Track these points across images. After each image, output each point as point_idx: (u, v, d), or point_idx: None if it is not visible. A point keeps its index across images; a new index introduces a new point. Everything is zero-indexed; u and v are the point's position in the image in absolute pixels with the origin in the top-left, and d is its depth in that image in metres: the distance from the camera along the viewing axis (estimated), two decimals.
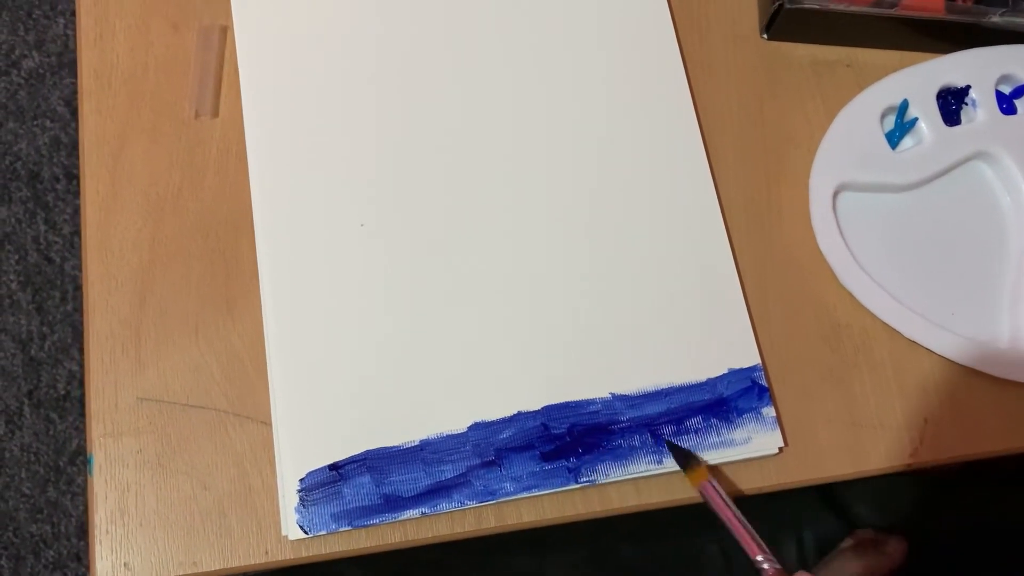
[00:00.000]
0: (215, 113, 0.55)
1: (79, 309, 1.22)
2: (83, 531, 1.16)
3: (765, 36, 0.59)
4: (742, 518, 0.48)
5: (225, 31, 0.56)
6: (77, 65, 0.56)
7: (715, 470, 0.51)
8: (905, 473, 0.72)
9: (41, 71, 1.30)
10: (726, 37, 0.59)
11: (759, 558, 0.47)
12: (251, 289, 0.52)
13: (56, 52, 1.30)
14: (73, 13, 1.30)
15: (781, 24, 0.58)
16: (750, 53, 0.59)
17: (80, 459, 1.18)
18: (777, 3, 0.56)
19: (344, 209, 0.53)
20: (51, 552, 1.16)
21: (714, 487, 0.48)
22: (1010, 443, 0.53)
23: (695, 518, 0.69)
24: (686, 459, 0.50)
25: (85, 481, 1.16)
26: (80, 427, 1.19)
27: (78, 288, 1.23)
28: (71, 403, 1.20)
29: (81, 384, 1.20)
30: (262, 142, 0.54)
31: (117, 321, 0.52)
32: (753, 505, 0.68)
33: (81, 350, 1.20)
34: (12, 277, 1.23)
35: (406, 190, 0.54)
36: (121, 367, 0.51)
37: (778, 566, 0.46)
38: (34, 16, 1.31)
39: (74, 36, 1.29)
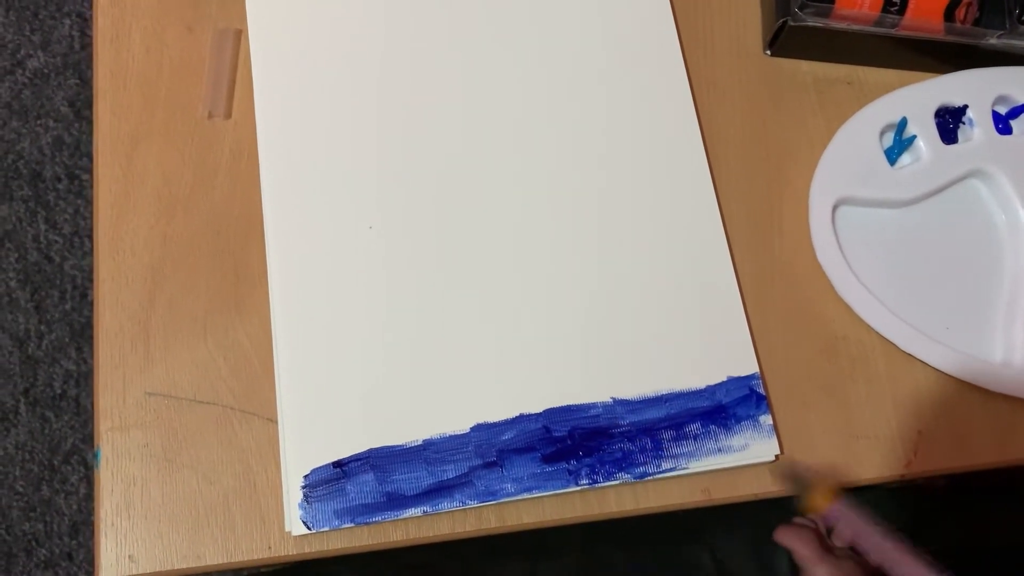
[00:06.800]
0: (228, 115, 0.56)
1: (77, 308, 1.23)
2: (76, 530, 1.16)
3: (768, 53, 0.60)
4: (895, 539, 0.43)
5: (239, 34, 0.57)
6: (93, 65, 0.56)
7: (714, 475, 0.52)
8: (896, 487, 0.73)
9: (46, 71, 1.30)
10: (730, 54, 0.60)
11: None
12: (260, 288, 0.53)
13: (61, 53, 1.31)
14: (79, 15, 1.31)
15: (784, 41, 0.59)
16: (754, 69, 0.60)
17: (75, 458, 1.18)
18: (781, 21, 0.58)
19: (353, 211, 0.54)
20: (43, 551, 1.16)
21: (847, 509, 0.44)
22: (1001, 456, 0.54)
23: (688, 527, 0.70)
24: (803, 483, 0.46)
25: (78, 481, 1.16)
26: (75, 426, 1.19)
27: (77, 287, 1.23)
28: (67, 402, 1.20)
29: (77, 383, 1.20)
30: (273, 143, 0.55)
31: (127, 317, 0.52)
32: (743, 516, 0.69)
33: (79, 349, 1.20)
34: (11, 275, 1.23)
35: (414, 194, 0.55)
36: (130, 362, 0.52)
37: None
38: (40, 17, 1.32)
39: (79, 38, 1.30)
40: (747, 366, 0.53)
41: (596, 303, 0.54)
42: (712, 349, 0.53)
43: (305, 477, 0.49)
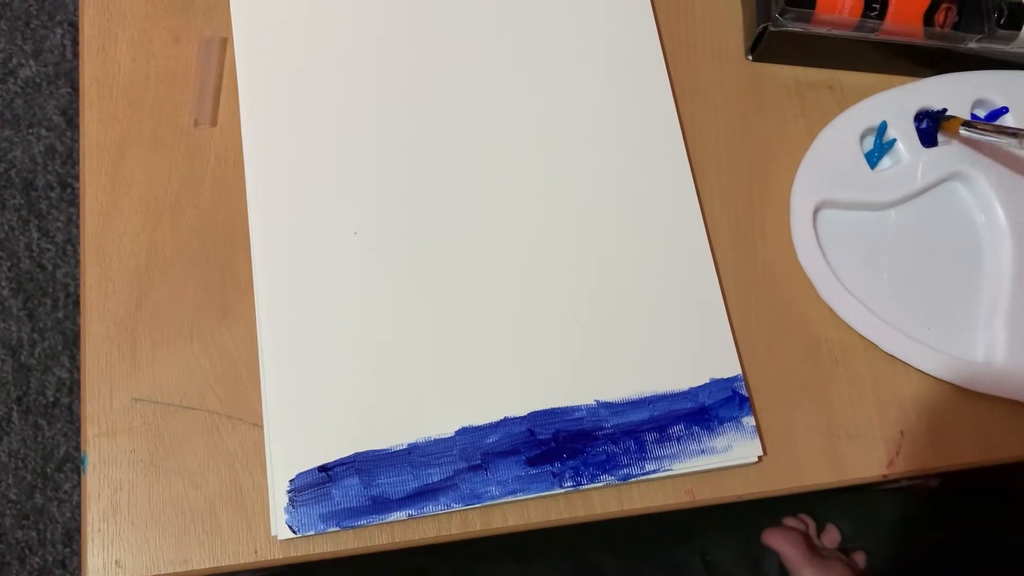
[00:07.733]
0: (214, 122, 0.56)
1: (70, 316, 1.23)
2: (69, 538, 1.16)
3: (750, 58, 0.61)
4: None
5: (225, 43, 0.58)
6: (79, 74, 0.57)
7: (698, 477, 0.52)
8: (886, 489, 0.73)
9: (38, 80, 1.31)
10: (712, 58, 0.61)
11: None
12: (246, 294, 0.53)
13: (53, 62, 1.31)
14: (71, 24, 1.32)
15: (766, 46, 0.59)
16: (735, 74, 0.61)
17: (68, 466, 1.18)
18: (762, 26, 0.58)
19: (338, 217, 0.54)
20: (36, 559, 1.16)
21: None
22: (983, 455, 0.55)
23: (679, 530, 0.70)
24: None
25: (72, 488, 1.17)
26: (68, 434, 1.19)
27: (69, 295, 1.24)
28: (60, 410, 1.20)
29: (70, 391, 1.20)
30: (259, 151, 0.55)
31: (113, 324, 0.53)
32: (733, 519, 0.69)
33: (71, 357, 1.20)
34: (4, 283, 1.23)
35: (399, 199, 0.55)
36: (116, 368, 0.52)
37: None
38: (32, 26, 1.33)
39: (71, 46, 1.31)
40: (730, 368, 0.53)
41: (579, 306, 0.54)
42: (695, 351, 0.54)
43: (291, 481, 0.49)
